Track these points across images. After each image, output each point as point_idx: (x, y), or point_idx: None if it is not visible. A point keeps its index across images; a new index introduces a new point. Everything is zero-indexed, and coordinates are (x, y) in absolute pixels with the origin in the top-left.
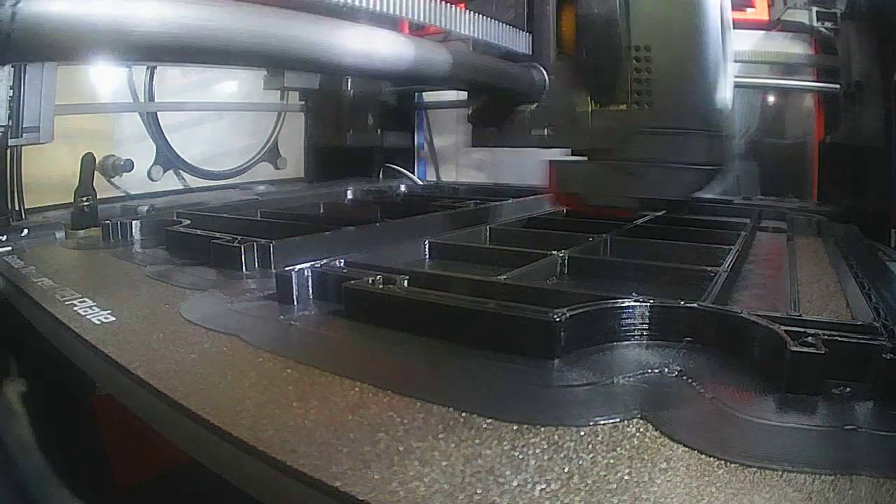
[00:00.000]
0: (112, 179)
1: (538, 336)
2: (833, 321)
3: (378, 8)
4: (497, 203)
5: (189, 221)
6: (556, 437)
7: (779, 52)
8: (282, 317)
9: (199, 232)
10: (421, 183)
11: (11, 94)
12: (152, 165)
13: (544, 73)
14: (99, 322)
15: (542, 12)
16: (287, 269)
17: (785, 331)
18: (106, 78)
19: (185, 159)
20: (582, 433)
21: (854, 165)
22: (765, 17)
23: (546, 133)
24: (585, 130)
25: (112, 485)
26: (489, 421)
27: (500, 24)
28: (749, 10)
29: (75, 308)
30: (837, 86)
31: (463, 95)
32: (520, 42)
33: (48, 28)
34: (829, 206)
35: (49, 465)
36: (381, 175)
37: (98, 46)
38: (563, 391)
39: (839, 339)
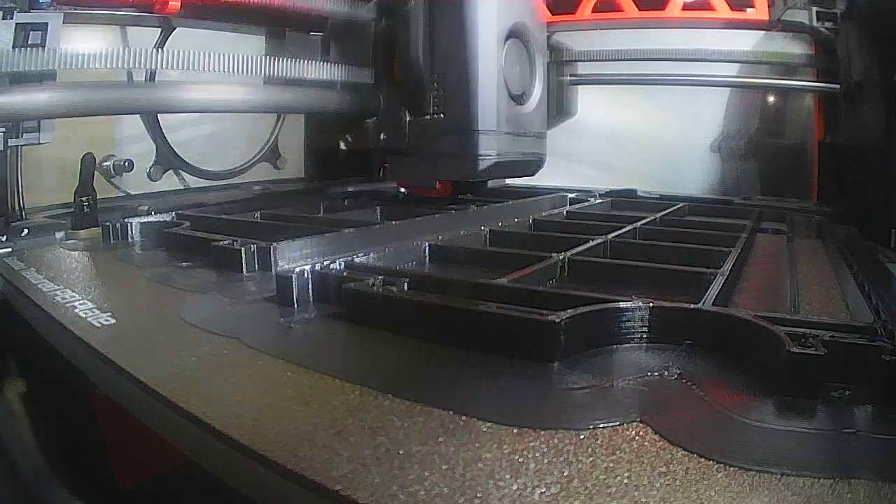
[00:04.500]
0: (112, 179)
1: (538, 339)
2: (832, 322)
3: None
4: (497, 204)
5: (189, 223)
6: (555, 441)
7: (779, 52)
8: (282, 319)
9: (198, 234)
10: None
11: None
12: (152, 165)
13: (380, 96)
14: (99, 324)
15: (378, 54)
16: (287, 271)
17: (784, 332)
18: (106, 78)
19: (185, 159)
20: (581, 436)
21: (854, 166)
22: (765, 17)
23: (382, 138)
24: (405, 135)
25: (112, 485)
26: (489, 424)
27: (353, 67)
28: (749, 10)
29: (76, 310)
30: (837, 86)
31: None
32: (366, 76)
33: None
34: (828, 207)
35: (49, 465)
36: (381, 175)
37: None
38: (563, 394)
39: (839, 340)
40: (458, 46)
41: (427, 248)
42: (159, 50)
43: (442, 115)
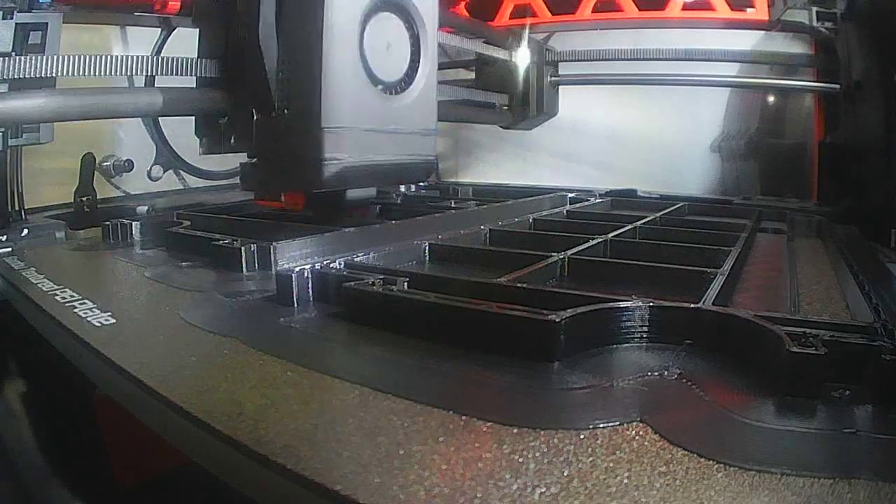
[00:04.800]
0: (112, 179)
1: (538, 338)
2: (832, 322)
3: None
4: (497, 204)
5: (189, 222)
6: (555, 441)
7: (779, 52)
8: (282, 319)
9: (199, 233)
10: (421, 183)
11: None
12: (152, 165)
13: (229, 92)
14: (99, 324)
15: (230, 54)
16: (287, 270)
17: (784, 332)
18: (106, 78)
19: (185, 159)
20: (581, 436)
21: (854, 166)
22: (765, 17)
23: (232, 140)
24: (252, 137)
25: (112, 484)
26: (489, 424)
27: (204, 59)
28: (749, 10)
29: (75, 310)
30: (837, 86)
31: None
32: (212, 68)
33: None
34: (828, 207)
35: (49, 465)
36: None
37: None
38: (563, 394)
39: (839, 340)
40: (302, 24)
41: (427, 248)
42: None
43: (286, 110)
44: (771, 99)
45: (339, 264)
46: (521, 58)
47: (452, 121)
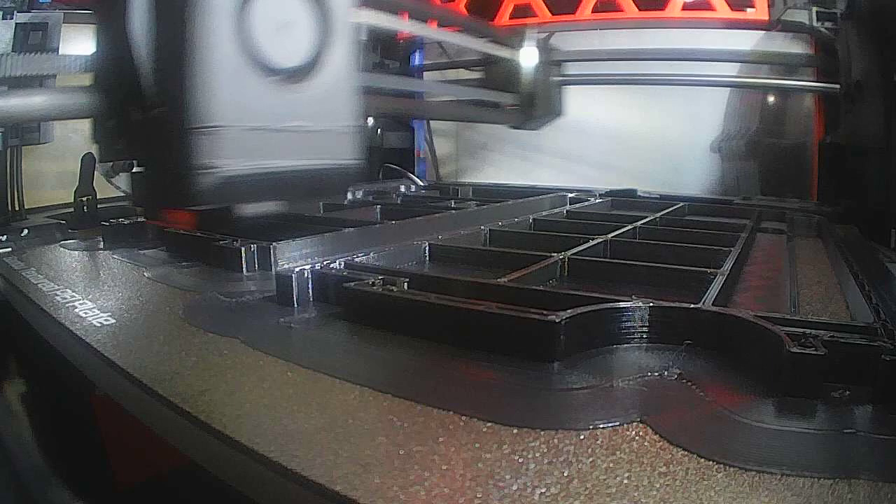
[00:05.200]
0: (112, 179)
1: (538, 338)
2: (833, 322)
3: None
4: (497, 204)
5: None
6: (555, 441)
7: (779, 52)
8: (282, 319)
9: (199, 233)
10: (421, 183)
11: None
12: None
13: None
14: (99, 324)
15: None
16: (287, 270)
17: (784, 332)
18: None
19: None
20: (581, 437)
21: (854, 166)
22: (765, 17)
23: (123, 147)
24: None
25: (111, 484)
26: (489, 425)
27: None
28: (749, 10)
29: (76, 310)
30: (837, 86)
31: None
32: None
33: None
34: (828, 207)
35: (49, 465)
36: (380, 175)
37: None
38: (563, 394)
39: (839, 340)
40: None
41: (427, 248)
42: None
43: (161, 108)
44: (771, 99)
45: (339, 264)
46: (527, 57)
47: (459, 120)
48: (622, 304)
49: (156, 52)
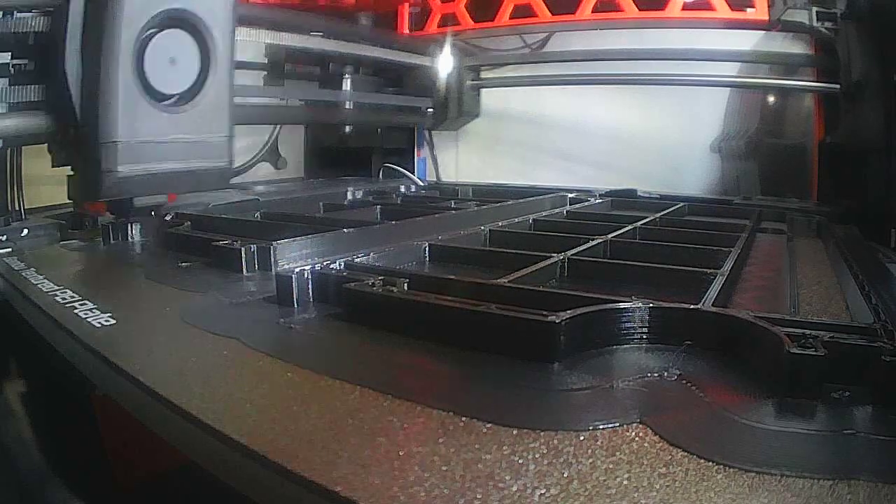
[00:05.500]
0: None
1: (538, 339)
2: (832, 323)
3: None
4: (497, 204)
5: (189, 223)
6: (555, 442)
7: (779, 52)
8: (282, 319)
9: (198, 233)
10: (421, 183)
11: None
12: None
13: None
14: (99, 325)
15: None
16: (287, 271)
17: (784, 333)
18: None
19: None
20: (581, 438)
21: (854, 166)
22: (765, 17)
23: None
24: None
25: (111, 484)
26: (489, 425)
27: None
28: (749, 10)
29: (76, 311)
30: (837, 86)
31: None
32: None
33: None
34: (828, 207)
35: (49, 465)
36: (380, 175)
37: None
38: (563, 395)
39: (839, 341)
40: (91, 48)
41: (427, 248)
42: None
43: (85, 127)
44: (771, 99)
45: (339, 265)
46: (442, 65)
47: (376, 124)
48: (622, 305)
49: (81, 86)
